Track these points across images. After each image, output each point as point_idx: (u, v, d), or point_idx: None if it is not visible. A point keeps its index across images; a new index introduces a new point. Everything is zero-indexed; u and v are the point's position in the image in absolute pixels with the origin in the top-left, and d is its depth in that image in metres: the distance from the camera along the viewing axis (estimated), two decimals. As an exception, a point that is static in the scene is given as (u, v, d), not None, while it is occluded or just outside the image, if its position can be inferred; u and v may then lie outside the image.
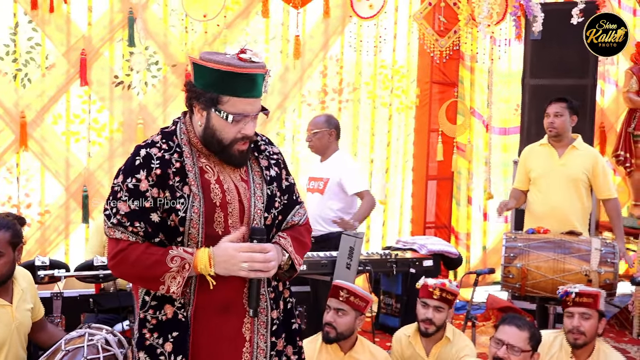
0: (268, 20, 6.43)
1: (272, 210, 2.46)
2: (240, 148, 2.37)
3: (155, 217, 2.32)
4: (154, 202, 2.32)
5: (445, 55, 6.88)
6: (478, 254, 7.44)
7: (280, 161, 2.56)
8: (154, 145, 2.39)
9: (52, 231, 5.96)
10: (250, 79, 2.32)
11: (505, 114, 7.39)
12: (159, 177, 2.32)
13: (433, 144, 7.20)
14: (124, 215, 2.32)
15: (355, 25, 6.73)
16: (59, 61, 5.88)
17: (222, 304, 2.39)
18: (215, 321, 2.39)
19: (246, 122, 2.34)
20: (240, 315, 2.41)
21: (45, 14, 5.75)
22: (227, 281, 2.35)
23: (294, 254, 2.47)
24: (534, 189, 5.14)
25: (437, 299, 3.96)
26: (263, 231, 2.38)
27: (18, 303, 3.22)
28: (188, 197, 2.32)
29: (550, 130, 5.06)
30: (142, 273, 2.33)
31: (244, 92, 2.32)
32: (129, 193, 2.32)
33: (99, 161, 6.06)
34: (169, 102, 6.24)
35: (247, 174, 2.45)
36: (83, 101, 5.99)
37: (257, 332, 2.43)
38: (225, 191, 2.38)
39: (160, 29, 6.15)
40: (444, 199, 7.35)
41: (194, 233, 2.33)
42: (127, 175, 2.34)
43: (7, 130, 5.77)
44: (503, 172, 7.41)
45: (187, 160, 2.37)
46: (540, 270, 4.54)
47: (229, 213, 2.37)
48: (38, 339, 3.41)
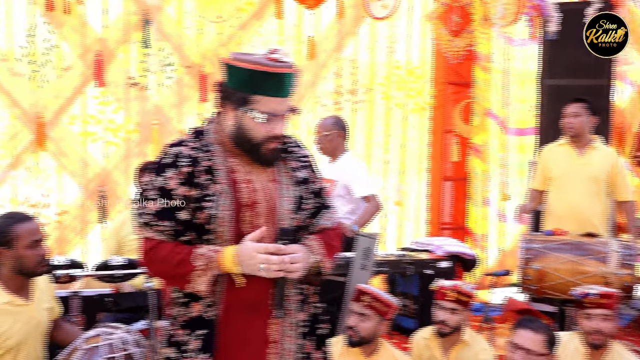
0: (282, 21, 6.44)
1: (301, 212, 2.46)
2: (270, 147, 2.36)
3: (184, 216, 2.33)
4: (183, 200, 2.32)
5: (459, 56, 6.86)
6: (494, 255, 7.41)
7: (310, 163, 2.55)
8: (183, 143, 2.39)
9: (69, 231, 5.99)
10: (280, 79, 2.32)
11: (521, 114, 7.36)
12: (188, 175, 2.32)
13: (448, 145, 7.18)
14: (152, 214, 2.33)
15: (369, 26, 6.72)
16: (75, 62, 5.92)
17: (250, 304, 2.38)
18: (242, 321, 2.39)
19: (276, 121, 2.34)
20: (266, 316, 2.40)
21: (61, 15, 5.77)
22: (254, 281, 2.34)
23: (323, 256, 2.45)
24: (553, 189, 5.10)
25: (452, 300, 3.94)
26: (291, 232, 2.36)
27: (37, 302, 3.23)
28: (217, 195, 2.33)
29: (568, 130, 5.03)
30: (170, 271, 2.34)
31: (274, 91, 2.32)
32: (157, 192, 2.33)
33: (115, 161, 6.09)
34: (183, 102, 6.26)
35: (277, 175, 2.45)
36: (99, 102, 6.02)
37: (284, 334, 2.43)
38: (254, 191, 2.38)
39: (174, 30, 6.18)
40: (459, 200, 7.33)
41: (222, 231, 2.33)
42: (156, 174, 2.36)
43: (25, 130, 5.80)
44: (519, 173, 7.37)
45: (216, 158, 2.37)
46: (558, 272, 4.50)
47: (257, 213, 2.37)
48: (55, 337, 3.42)
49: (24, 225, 3.15)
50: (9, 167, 5.76)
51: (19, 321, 3.13)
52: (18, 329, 3.11)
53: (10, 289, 3.14)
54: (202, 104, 6.27)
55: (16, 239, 3.11)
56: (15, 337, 3.10)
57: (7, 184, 5.82)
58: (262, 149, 2.36)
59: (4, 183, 5.79)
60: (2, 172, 5.75)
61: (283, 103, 2.35)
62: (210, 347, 2.36)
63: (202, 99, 6.23)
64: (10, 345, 3.09)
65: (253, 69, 2.30)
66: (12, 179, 5.80)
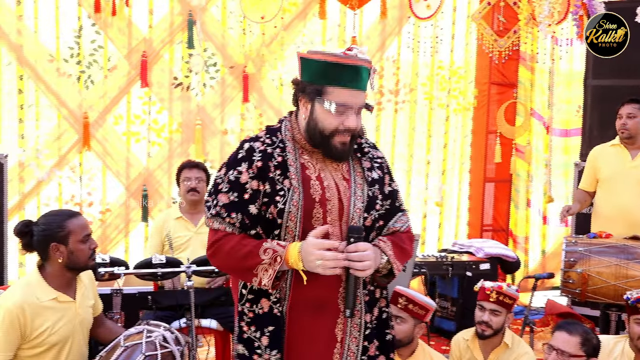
0: (325, 22, 6.46)
1: (373, 211, 2.45)
2: (341, 140, 2.37)
3: (254, 209, 2.37)
4: (253, 194, 2.36)
5: (504, 56, 6.78)
6: (537, 258, 7.31)
7: (383, 165, 2.56)
8: (257, 139, 2.44)
9: (112, 229, 6.10)
10: (354, 70, 2.33)
11: (566, 115, 7.23)
12: (260, 169, 2.36)
13: (491, 145, 7.10)
14: (222, 207, 2.37)
15: (412, 26, 6.69)
16: (120, 63, 6.02)
17: (317, 302, 2.40)
18: (309, 319, 2.41)
19: (349, 114, 2.35)
20: (334, 315, 2.42)
21: (108, 17, 5.89)
22: (322, 279, 2.35)
23: (393, 257, 2.44)
24: (602, 190, 5.00)
25: (494, 302, 3.90)
26: (360, 230, 2.36)
27: (81, 299, 3.29)
28: (288, 190, 2.35)
29: (622, 131, 4.92)
30: (235, 264, 2.38)
31: (348, 82, 2.34)
32: (229, 185, 2.38)
33: (158, 161, 6.18)
34: (226, 103, 6.32)
35: (349, 174, 2.46)
36: (143, 102, 6.12)
37: (349, 334, 2.44)
38: (325, 188, 2.40)
39: (218, 31, 6.24)
40: (502, 202, 7.24)
41: (291, 226, 2.36)
42: (230, 168, 2.40)
43: (70, 130, 5.93)
44: (564, 175, 7.24)
45: (289, 155, 2.40)
46: (601, 275, 4.42)
47: (328, 210, 2.39)
48: (97, 334, 3.48)
49: (75, 220, 3.24)
50: (54, 166, 5.89)
51: (64, 318, 3.19)
52: (62, 326, 3.18)
53: (56, 286, 3.21)
54: (244, 104, 6.32)
55: (70, 234, 3.19)
56: (59, 333, 3.16)
57: (53, 183, 5.95)
58: (332, 141, 2.37)
59: (50, 182, 5.93)
60: (48, 171, 5.88)
61: (356, 96, 2.36)
62: (279, 343, 2.40)
63: (245, 99, 6.28)
64: (55, 341, 3.15)
65: (328, 60, 2.33)
66: (57, 178, 5.94)
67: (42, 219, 3.28)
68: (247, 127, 6.36)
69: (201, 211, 4.73)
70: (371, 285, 2.50)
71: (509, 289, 3.97)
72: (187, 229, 4.68)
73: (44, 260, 3.23)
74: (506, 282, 4.07)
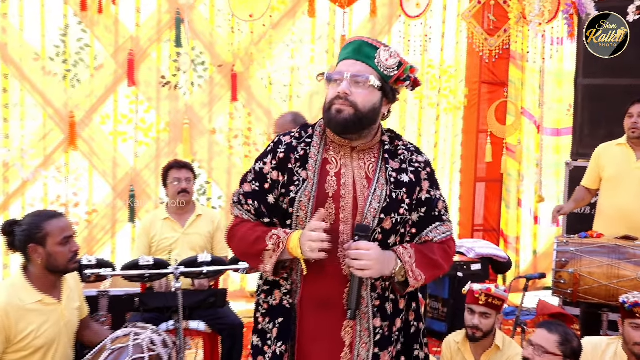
0: (314, 20, 6.44)
1: (395, 214, 2.39)
2: (337, 108, 2.37)
3: (271, 199, 2.44)
4: (272, 184, 2.43)
5: (494, 55, 6.79)
6: (528, 258, 7.32)
7: (421, 171, 2.49)
8: (289, 134, 2.52)
9: (99, 230, 6.06)
10: (353, 44, 2.42)
11: (557, 114, 7.25)
12: (281, 160, 2.43)
13: (482, 145, 7.10)
14: (243, 194, 2.48)
15: (402, 24, 6.68)
16: (107, 62, 5.98)
17: (323, 299, 2.40)
18: (316, 316, 2.41)
19: (341, 82, 2.37)
20: (340, 317, 2.40)
21: (94, 15, 5.85)
22: (328, 277, 2.37)
23: (411, 265, 2.37)
24: (605, 190, 4.98)
25: (484, 304, 3.90)
26: (367, 228, 2.33)
27: (67, 301, 3.25)
28: (303, 180, 2.39)
29: (633, 131, 4.85)
30: (246, 249, 2.44)
31: (346, 55, 2.42)
32: (254, 175, 2.48)
33: (145, 161, 6.15)
34: (214, 102, 6.29)
35: (374, 173, 2.44)
36: (130, 101, 6.09)
37: (359, 339, 2.42)
38: (341, 185, 2.41)
39: (206, 29, 6.21)
40: (493, 202, 7.25)
41: (302, 216, 2.39)
42: (258, 160, 2.50)
43: (56, 130, 5.88)
44: (555, 174, 7.26)
45: (312, 149, 2.45)
46: (593, 276, 4.42)
47: (341, 207, 2.39)
48: (83, 337, 3.44)
49: (54, 222, 3.18)
50: (40, 166, 5.85)
51: (49, 320, 3.15)
52: (48, 329, 3.14)
53: (41, 288, 3.17)
54: (233, 103, 6.29)
55: (48, 235, 3.14)
56: (44, 337, 3.12)
57: (39, 183, 5.90)
58: (331, 111, 2.38)
59: (35, 182, 5.88)
60: (34, 171, 5.83)
61: (349, 65, 2.39)
62: (286, 335, 2.41)
63: (233, 98, 6.25)
64: (40, 344, 3.11)
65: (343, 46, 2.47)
66: (43, 178, 5.89)
67: (25, 219, 3.23)
68: (236, 126, 6.33)
69: (189, 211, 4.70)
70: (392, 294, 2.46)
71: (498, 290, 3.96)
72: (175, 230, 4.65)
73: (27, 262, 3.19)
74: (494, 284, 4.05)
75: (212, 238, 4.67)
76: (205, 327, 4.38)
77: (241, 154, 6.17)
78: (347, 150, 2.45)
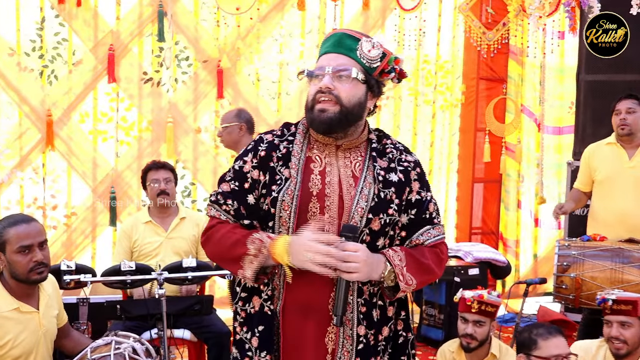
0: (304, 13, 6.45)
1: (383, 215, 2.38)
2: (320, 107, 2.38)
3: (251, 199, 2.44)
4: (252, 183, 2.43)
5: (493, 50, 6.83)
6: (528, 262, 7.36)
7: (410, 171, 2.48)
8: (270, 132, 2.53)
9: (78, 234, 6.06)
10: (334, 37, 2.43)
11: (559, 111, 7.28)
12: (262, 158, 2.44)
13: (480, 144, 7.13)
14: (221, 194, 2.47)
15: (396, 18, 6.71)
16: (86, 57, 5.98)
17: (306, 305, 2.38)
18: (299, 323, 2.39)
19: (323, 77, 2.38)
20: (323, 323, 2.39)
21: (73, 7, 5.85)
22: (313, 281, 2.34)
23: (401, 269, 2.35)
24: (598, 193, 4.98)
25: (476, 312, 3.91)
26: (355, 229, 2.32)
27: (44, 309, 3.26)
28: (285, 179, 2.40)
29: (622, 128, 4.86)
30: (224, 253, 2.41)
31: (326, 49, 2.43)
32: (233, 174, 2.48)
33: (127, 161, 6.15)
34: (199, 99, 6.30)
35: (361, 172, 2.45)
36: (111, 99, 6.09)
37: (341, 346, 2.40)
38: (326, 183, 2.41)
39: (191, 22, 6.22)
40: (491, 203, 7.28)
41: (285, 217, 2.37)
42: (238, 159, 2.50)
43: (33, 129, 5.88)
44: (556, 175, 7.29)
45: (295, 147, 2.45)
46: (596, 280, 4.45)
47: (326, 206, 2.38)
48: (63, 346, 3.45)
49: (14, 229, 3.16)
50: (15, 167, 5.84)
51: (27, 329, 3.16)
52: (25, 338, 3.15)
53: (17, 295, 3.17)
54: (219, 101, 6.31)
55: (6, 243, 3.14)
56: (21, 346, 3.13)
57: (14, 185, 5.89)
58: (314, 110, 2.39)
59: (11, 184, 5.87)
60: (9, 172, 5.82)
61: (331, 58, 2.39)
62: (268, 344, 2.40)
63: (219, 95, 6.26)
64: (17, 354, 3.13)
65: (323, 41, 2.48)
66: (19, 180, 5.88)
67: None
68: (222, 125, 6.34)
69: (172, 214, 4.71)
70: (380, 300, 2.45)
71: (490, 296, 3.97)
72: (157, 233, 4.66)
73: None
74: (487, 289, 4.07)
75: (196, 242, 4.68)
76: (190, 336, 4.40)
77: (227, 154, 6.17)
78: (332, 149, 2.46)
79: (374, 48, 2.39)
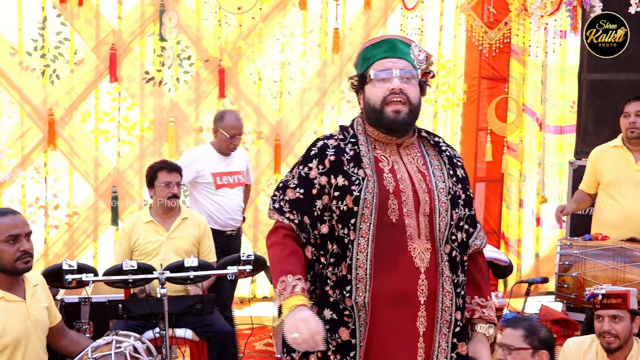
0: (306, 13, 6.45)
1: (456, 209, 2.55)
2: (392, 108, 2.49)
3: (320, 204, 2.51)
4: (321, 189, 2.51)
5: (494, 49, 6.81)
6: (530, 261, 7.35)
7: (463, 166, 2.66)
8: (331, 137, 2.60)
9: (80, 233, 6.06)
10: (387, 42, 2.56)
11: (561, 111, 7.26)
12: (333, 163, 2.52)
13: (481, 143, 7.12)
14: (287, 202, 2.53)
15: (398, 17, 6.70)
16: (88, 56, 5.98)
17: (397, 294, 2.47)
18: (389, 311, 2.47)
19: (391, 79, 2.48)
20: (414, 308, 2.48)
21: (74, 7, 5.86)
22: (400, 272, 2.45)
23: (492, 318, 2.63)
24: (603, 195, 4.95)
25: None
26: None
27: (32, 300, 3.26)
28: (363, 179, 2.48)
29: (632, 130, 4.81)
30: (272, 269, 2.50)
31: (384, 53, 2.53)
32: (298, 181, 2.54)
33: (129, 161, 6.15)
34: (201, 98, 6.29)
35: (426, 168, 2.57)
36: (113, 98, 6.09)
37: (439, 331, 2.51)
38: (398, 180, 2.51)
39: (192, 22, 6.22)
40: (493, 203, 7.27)
41: (367, 214, 2.45)
42: (300, 165, 2.57)
43: (34, 128, 5.88)
44: (558, 174, 7.28)
45: (362, 147, 2.54)
46: (597, 280, 4.44)
47: (403, 201, 2.49)
48: (62, 347, 3.45)
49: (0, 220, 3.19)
50: (17, 167, 5.84)
51: (14, 317, 3.16)
52: (14, 326, 3.14)
53: (1, 286, 3.19)
54: (220, 100, 6.30)
55: None
56: (11, 334, 3.13)
57: (16, 185, 5.90)
58: (385, 112, 2.49)
59: (13, 183, 5.87)
60: (11, 172, 5.83)
61: (395, 62, 2.51)
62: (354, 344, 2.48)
63: (221, 95, 6.26)
64: (7, 342, 3.12)
65: (365, 46, 2.60)
66: (21, 179, 5.88)
67: None
68: (224, 124, 6.33)
69: (174, 215, 4.70)
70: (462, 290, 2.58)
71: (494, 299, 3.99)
72: (158, 233, 4.65)
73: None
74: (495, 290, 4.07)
75: (198, 243, 4.68)
76: (192, 335, 4.39)
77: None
78: (394, 147, 2.57)
79: (421, 52, 2.55)
